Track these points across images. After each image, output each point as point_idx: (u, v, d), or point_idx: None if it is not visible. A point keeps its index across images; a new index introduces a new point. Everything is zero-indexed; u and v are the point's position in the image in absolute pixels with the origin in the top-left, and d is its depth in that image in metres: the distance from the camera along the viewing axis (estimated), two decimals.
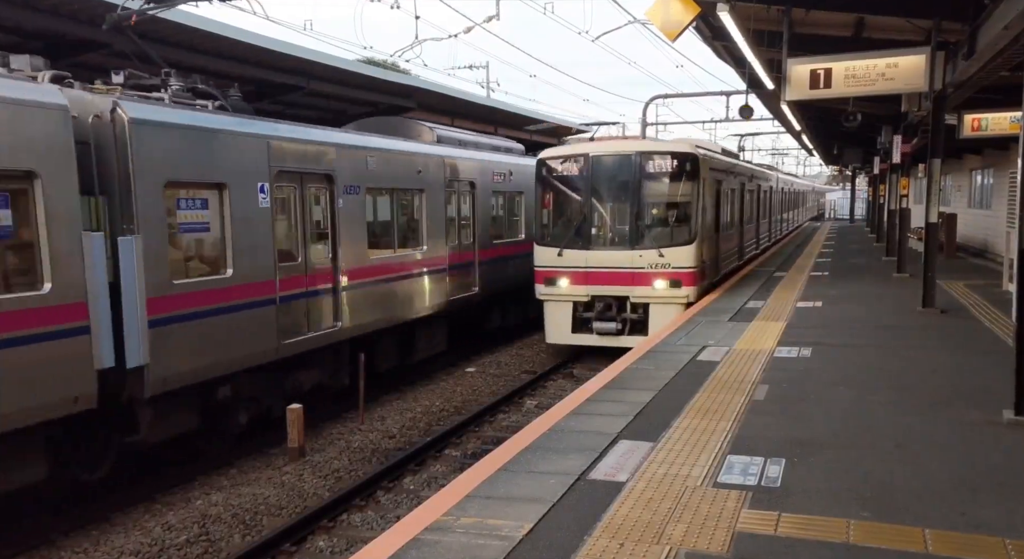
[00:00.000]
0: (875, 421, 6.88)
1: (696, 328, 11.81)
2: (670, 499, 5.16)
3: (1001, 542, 4.48)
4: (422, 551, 4.48)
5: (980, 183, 25.05)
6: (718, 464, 5.83)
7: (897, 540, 4.51)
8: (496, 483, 5.52)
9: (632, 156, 14.23)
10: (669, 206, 14.55)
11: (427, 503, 5.20)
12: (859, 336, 10.91)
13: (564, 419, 7.06)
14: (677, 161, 14.13)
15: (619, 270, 14.00)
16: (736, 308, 13.73)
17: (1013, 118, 16.37)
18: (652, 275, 13.88)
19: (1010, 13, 8.19)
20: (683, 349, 10.16)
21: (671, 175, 14.22)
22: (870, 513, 4.90)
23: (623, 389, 8.16)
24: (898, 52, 11.64)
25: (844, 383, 8.25)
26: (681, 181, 14.22)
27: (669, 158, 14.14)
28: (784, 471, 5.66)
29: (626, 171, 14.23)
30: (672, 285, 13.82)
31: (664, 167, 14.19)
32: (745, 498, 5.16)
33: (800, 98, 12.63)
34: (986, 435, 6.47)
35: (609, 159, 14.34)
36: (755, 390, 8.00)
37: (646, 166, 14.13)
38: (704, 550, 4.43)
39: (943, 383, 8.22)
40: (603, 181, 14.38)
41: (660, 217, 14.54)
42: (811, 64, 11.81)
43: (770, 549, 4.43)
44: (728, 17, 9.64)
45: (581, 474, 5.65)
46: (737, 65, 16.47)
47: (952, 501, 5.09)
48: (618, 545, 4.50)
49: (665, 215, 14.56)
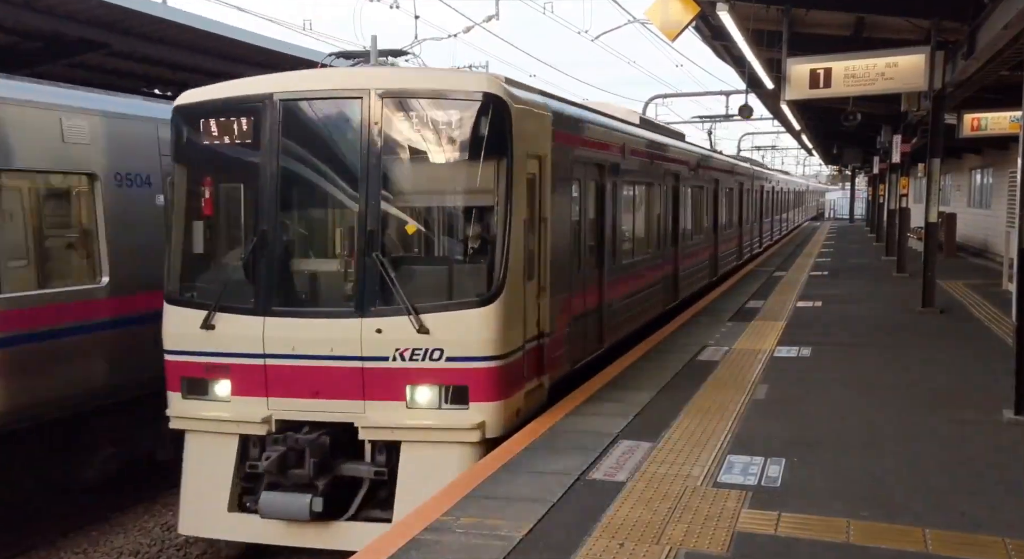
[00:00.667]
0: (875, 421, 6.88)
1: (696, 328, 11.80)
2: (670, 499, 5.16)
3: (1001, 541, 4.47)
4: (422, 551, 4.47)
5: (980, 183, 25.06)
6: (718, 464, 5.82)
7: (897, 540, 4.51)
8: (495, 483, 5.52)
9: (361, 101, 6.55)
10: (447, 216, 7.19)
11: (427, 503, 5.19)
12: (859, 336, 10.91)
13: (563, 419, 7.05)
14: (460, 115, 6.56)
15: (334, 363, 6.52)
16: (736, 308, 13.73)
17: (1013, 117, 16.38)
18: (404, 374, 6.43)
19: (1010, 12, 8.20)
20: (683, 349, 10.15)
21: (451, 144, 6.62)
22: (870, 513, 4.89)
23: (623, 389, 8.15)
24: (898, 52, 11.65)
25: (844, 383, 8.24)
26: (473, 159, 6.57)
27: (443, 107, 6.56)
28: (784, 471, 5.65)
29: (348, 135, 6.69)
30: (453, 398, 6.47)
31: (432, 125, 6.58)
32: (745, 498, 5.15)
33: (800, 98, 12.65)
34: (986, 434, 6.47)
35: (313, 108, 6.77)
36: (755, 390, 8.00)
37: (392, 124, 6.56)
38: (704, 550, 4.42)
39: (943, 383, 8.22)
40: (300, 156, 6.75)
41: (422, 241, 7.15)
42: (811, 64, 11.82)
43: (770, 549, 4.42)
44: (728, 17, 9.64)
45: (581, 474, 5.64)
46: (737, 65, 16.48)
47: (952, 500, 5.09)
48: (618, 545, 4.50)
49: (435, 237, 7.19)
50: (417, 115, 6.61)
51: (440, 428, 6.34)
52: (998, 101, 16.31)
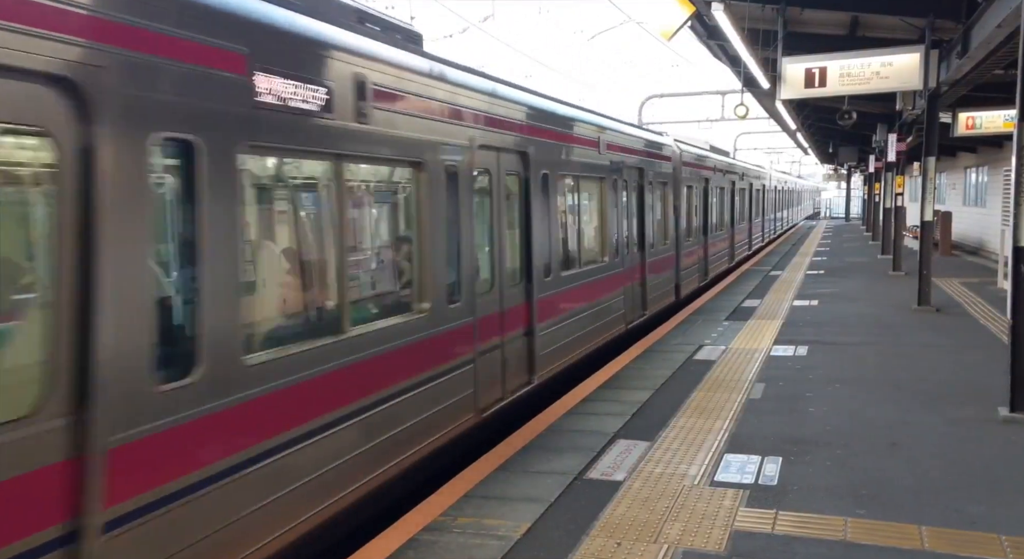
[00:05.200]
0: (871, 419, 6.90)
1: (692, 327, 11.82)
2: (667, 498, 5.17)
3: (997, 538, 4.49)
4: (420, 551, 4.48)
5: (974, 181, 25.13)
6: (715, 463, 5.83)
7: (893, 537, 4.52)
8: (493, 483, 5.52)
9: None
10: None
11: (425, 503, 5.19)
12: (855, 334, 10.93)
13: (561, 418, 7.06)
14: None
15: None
16: (732, 307, 13.75)
17: (1007, 116, 16.44)
18: None
19: (1003, 11, 8.22)
20: (680, 348, 10.17)
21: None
22: (866, 511, 4.91)
23: (620, 388, 8.17)
24: (892, 51, 11.68)
25: (840, 381, 8.26)
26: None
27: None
28: (781, 469, 5.66)
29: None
30: None
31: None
32: (742, 496, 5.16)
33: (795, 97, 12.67)
34: (981, 432, 6.49)
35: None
36: (752, 389, 8.01)
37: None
38: (701, 548, 4.43)
39: (938, 380, 8.24)
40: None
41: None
42: (806, 63, 11.85)
43: (767, 547, 4.43)
44: (723, 16, 9.65)
45: (578, 473, 5.65)
46: (732, 64, 16.51)
47: (948, 498, 5.11)
48: (615, 544, 4.51)
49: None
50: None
51: None
52: (993, 99, 16.36)
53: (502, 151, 7.13)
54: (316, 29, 4.72)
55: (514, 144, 7.36)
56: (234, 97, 3.98)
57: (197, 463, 3.72)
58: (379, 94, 5.15)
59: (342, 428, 4.76)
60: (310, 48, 4.60)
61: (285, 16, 4.48)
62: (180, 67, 3.66)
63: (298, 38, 4.52)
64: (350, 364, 4.84)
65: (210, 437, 3.81)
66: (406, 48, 5.77)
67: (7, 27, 2.92)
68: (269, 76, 4.20)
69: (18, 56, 2.95)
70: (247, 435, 4.04)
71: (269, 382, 4.17)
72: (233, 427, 3.95)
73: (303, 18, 4.64)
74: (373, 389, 5.10)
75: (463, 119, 6.35)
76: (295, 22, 4.54)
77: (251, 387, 4.05)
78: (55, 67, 3.08)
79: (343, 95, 4.78)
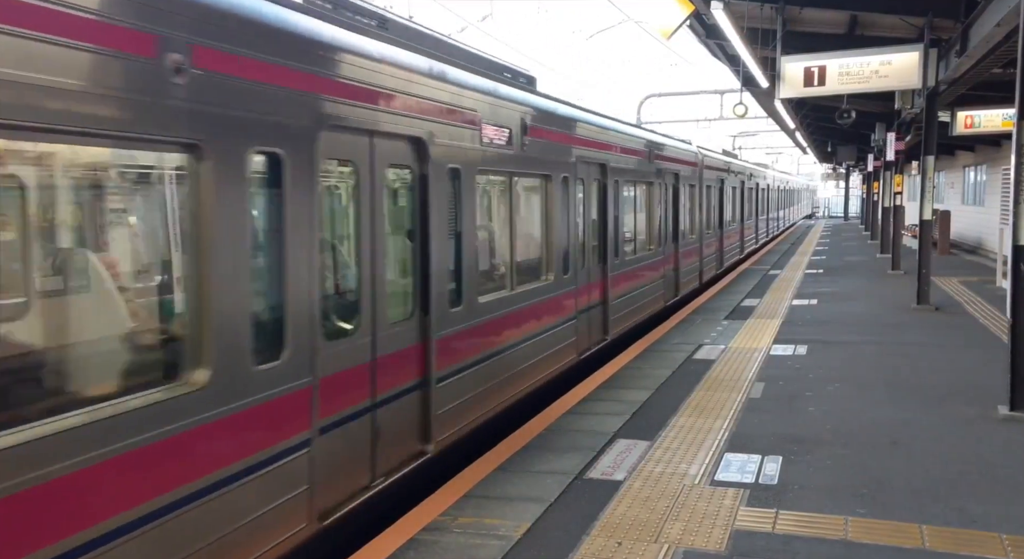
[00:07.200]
0: (871, 418, 6.90)
1: (692, 327, 11.82)
2: (667, 497, 5.17)
3: (997, 537, 4.49)
4: (420, 551, 4.47)
5: (973, 180, 25.15)
6: (715, 462, 5.83)
7: (894, 536, 4.52)
8: (493, 483, 5.52)
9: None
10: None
11: (425, 503, 5.19)
12: (854, 333, 10.93)
13: (561, 418, 7.06)
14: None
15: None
16: (732, 306, 13.75)
17: (1005, 115, 16.45)
18: None
19: (1002, 10, 8.23)
20: (679, 348, 10.17)
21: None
22: (867, 509, 4.91)
23: (620, 388, 8.16)
24: (891, 50, 11.70)
25: (840, 380, 8.26)
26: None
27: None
28: (781, 468, 5.67)
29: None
30: None
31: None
32: (742, 496, 5.16)
33: (794, 96, 12.68)
34: (981, 431, 6.49)
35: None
36: (751, 388, 8.01)
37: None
38: (702, 548, 4.43)
39: (938, 379, 8.24)
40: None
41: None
42: (805, 62, 11.86)
43: (767, 546, 4.43)
44: (722, 15, 9.65)
45: (578, 473, 5.64)
46: (731, 63, 16.52)
47: (948, 497, 5.11)
48: (616, 544, 4.51)
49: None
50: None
51: None
52: (991, 98, 16.38)
53: (591, 163, 9.55)
54: (548, 106, 8.23)
55: (598, 158, 9.74)
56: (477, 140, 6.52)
57: (480, 349, 6.56)
58: (532, 130, 7.60)
59: (526, 345, 7.55)
60: (503, 108, 6.99)
61: (506, 90, 7.22)
62: (495, 134, 6.78)
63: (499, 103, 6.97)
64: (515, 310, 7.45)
65: (488, 334, 6.70)
66: (531, 92, 8.05)
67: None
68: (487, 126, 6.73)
69: (403, 124, 5.36)
70: (507, 334, 7.13)
71: (495, 312, 6.93)
72: (495, 330, 6.87)
73: (508, 88, 7.30)
74: (530, 328, 7.65)
75: (569, 142, 8.75)
76: (499, 90, 7.05)
77: (485, 314, 6.76)
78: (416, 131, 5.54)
79: (516, 133, 7.28)
